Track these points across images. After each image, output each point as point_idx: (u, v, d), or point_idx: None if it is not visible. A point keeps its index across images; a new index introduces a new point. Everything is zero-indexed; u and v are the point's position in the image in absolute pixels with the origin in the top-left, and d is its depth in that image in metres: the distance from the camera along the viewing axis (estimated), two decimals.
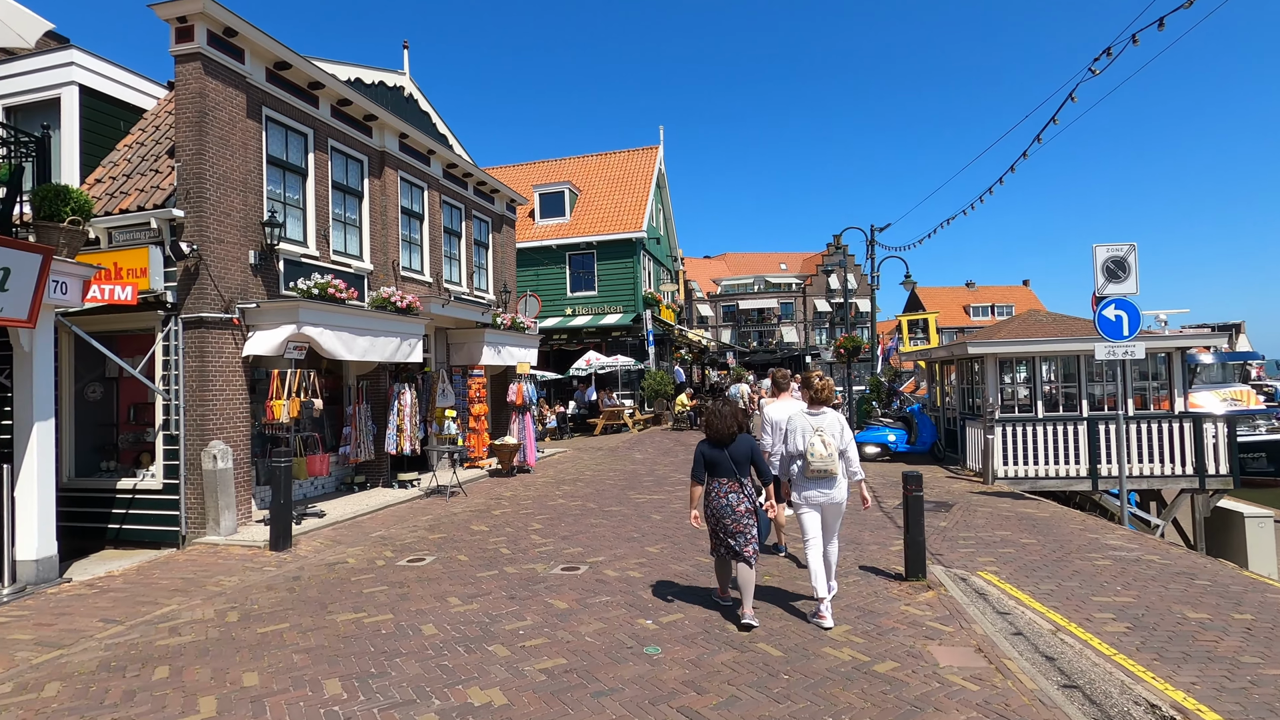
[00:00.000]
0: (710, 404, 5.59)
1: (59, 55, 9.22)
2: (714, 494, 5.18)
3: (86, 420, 9.06)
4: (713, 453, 5.19)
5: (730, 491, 5.11)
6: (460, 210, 15.13)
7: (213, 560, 7.41)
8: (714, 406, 5.33)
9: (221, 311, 8.58)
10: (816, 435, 5.19)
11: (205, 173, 8.44)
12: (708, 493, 5.24)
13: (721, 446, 5.16)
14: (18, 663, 4.73)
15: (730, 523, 5.09)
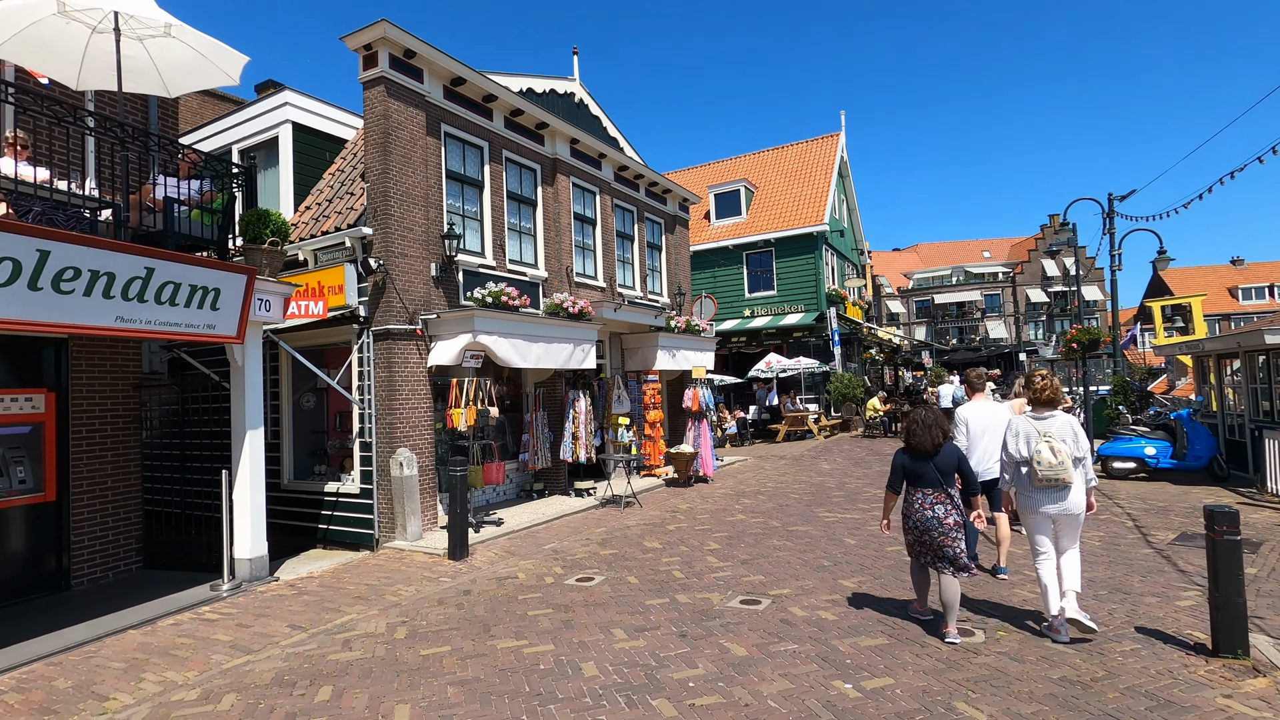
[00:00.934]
0: (910, 411, 5.21)
1: (276, 99, 10.24)
2: (917, 505, 4.95)
3: (302, 427, 9.89)
4: (915, 464, 4.98)
5: (937, 503, 4.87)
6: (632, 213, 14.87)
7: (396, 566, 7.56)
8: (916, 415, 5.04)
9: (406, 323, 8.89)
10: (1044, 441, 4.77)
11: (390, 190, 8.79)
12: (909, 503, 5.02)
13: (925, 458, 4.94)
14: (210, 667, 4.88)
15: (938, 535, 4.83)
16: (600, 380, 13.11)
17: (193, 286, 6.20)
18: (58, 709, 4.27)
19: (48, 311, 5.16)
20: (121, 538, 7.55)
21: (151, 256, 5.83)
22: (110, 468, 7.48)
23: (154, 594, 6.69)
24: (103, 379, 7.47)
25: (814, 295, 22.51)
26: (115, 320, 5.64)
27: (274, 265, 7.17)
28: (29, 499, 6.78)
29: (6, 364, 6.70)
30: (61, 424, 7.05)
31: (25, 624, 5.94)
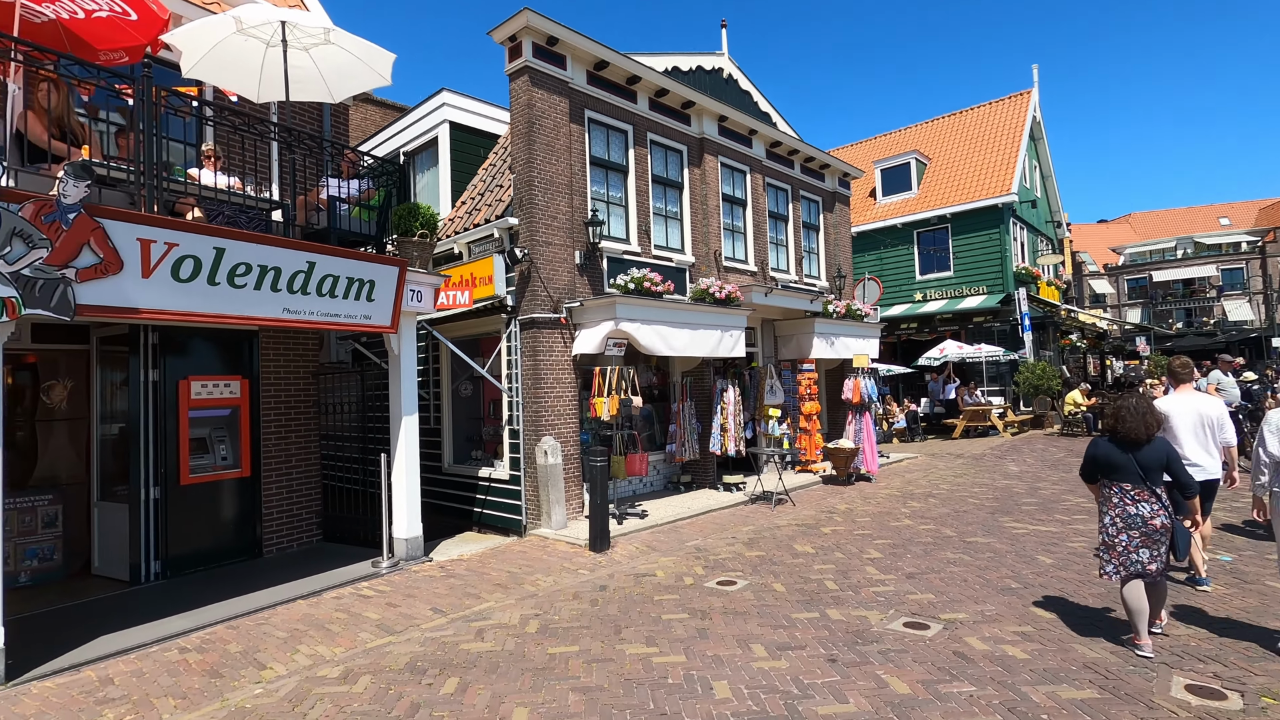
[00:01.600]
0: (1119, 397, 4.63)
1: (435, 101, 10.75)
2: (1116, 500, 4.48)
3: (461, 414, 10.33)
4: (1116, 454, 4.47)
5: (1140, 500, 4.38)
6: (786, 192, 13.98)
7: (539, 555, 7.56)
8: (1127, 401, 4.52)
9: (550, 311, 8.90)
10: None
11: (534, 180, 8.82)
12: (1106, 498, 4.55)
13: (1130, 448, 4.42)
14: (356, 645, 5.04)
15: (1139, 535, 4.38)
16: (751, 369, 12.46)
17: (350, 279, 6.52)
18: (224, 673, 4.58)
19: (225, 304, 5.62)
20: (304, 512, 8.27)
21: (312, 251, 6.18)
22: (294, 448, 8.21)
23: (326, 566, 7.21)
24: (286, 367, 8.20)
25: (998, 275, 19.98)
26: (282, 312, 6.05)
27: (424, 257, 7.41)
28: (230, 474, 7.59)
29: (213, 353, 7.53)
30: (254, 408, 7.83)
31: (226, 585, 6.61)
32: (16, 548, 6.97)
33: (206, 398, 7.41)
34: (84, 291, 4.77)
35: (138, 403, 6.94)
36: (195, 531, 7.25)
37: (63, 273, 4.63)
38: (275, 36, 6.59)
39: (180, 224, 5.29)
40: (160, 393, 7.06)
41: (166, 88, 5.92)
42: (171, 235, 5.18)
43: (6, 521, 6.93)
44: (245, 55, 6.67)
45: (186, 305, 5.37)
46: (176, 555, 7.08)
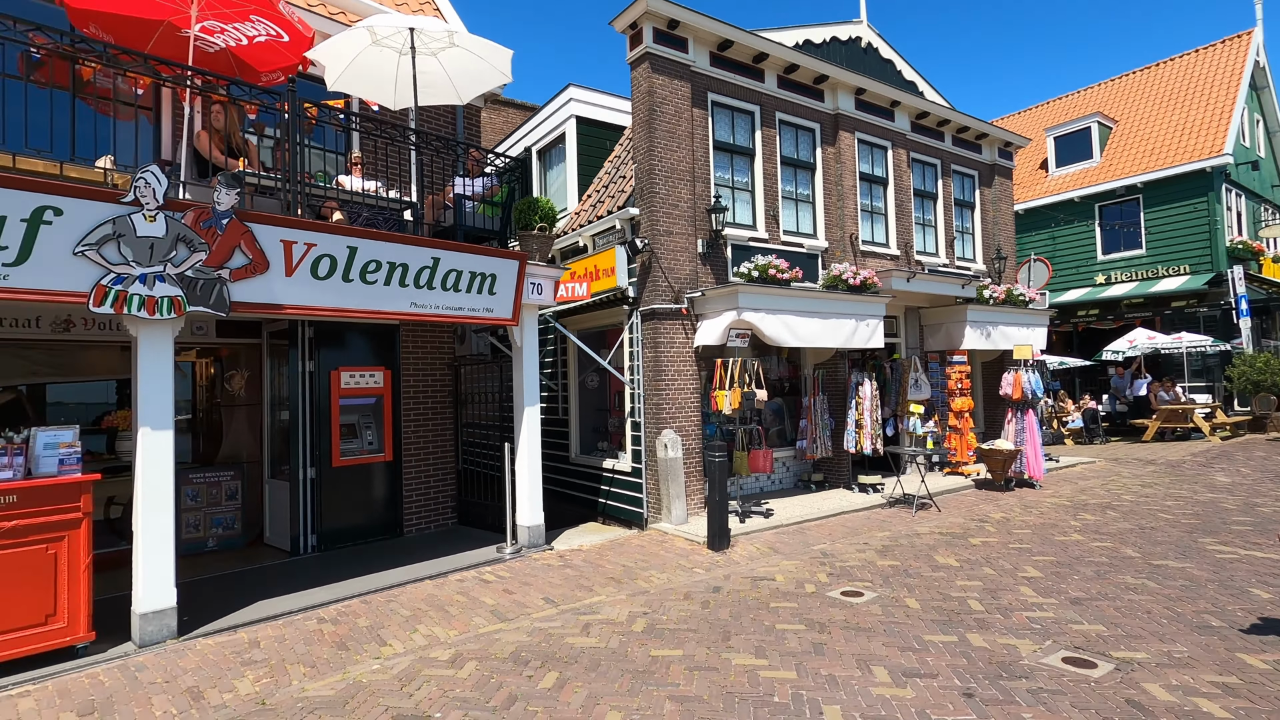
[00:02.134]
0: None
1: (562, 97, 10.92)
2: None
3: (588, 406, 10.45)
4: None
5: None
6: (934, 167, 12.74)
7: (656, 550, 7.41)
8: None
9: (671, 302, 8.71)
10: None
11: (655, 168, 8.66)
12: None
13: None
14: (469, 629, 5.17)
15: None
16: (893, 362, 11.52)
17: (473, 273, 6.73)
18: (349, 646, 4.87)
19: (358, 299, 5.99)
20: (440, 496, 8.75)
21: (436, 247, 6.44)
22: (431, 435, 8.70)
23: (456, 549, 7.55)
24: (424, 359, 8.70)
25: (1205, 251, 17.00)
26: (410, 306, 6.35)
27: (543, 250, 7.50)
28: (375, 458, 8.18)
29: (360, 346, 8.15)
30: (395, 397, 8.38)
31: (368, 560, 7.12)
32: (206, 516, 7.97)
33: (355, 387, 8.03)
34: (237, 290, 5.26)
35: (296, 391, 7.66)
36: (345, 510, 7.89)
37: (219, 273, 5.13)
38: (406, 45, 6.93)
39: (317, 225, 5.69)
40: (316, 382, 7.74)
41: (315, 102, 6.42)
42: (310, 236, 5.58)
43: (197, 494, 7.96)
44: (381, 65, 7.09)
45: (324, 301, 5.78)
46: (329, 530, 7.74)
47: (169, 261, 4.88)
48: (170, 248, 4.88)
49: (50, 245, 4.40)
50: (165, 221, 4.83)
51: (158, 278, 4.85)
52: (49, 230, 4.39)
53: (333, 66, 6.85)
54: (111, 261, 4.65)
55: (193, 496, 7.91)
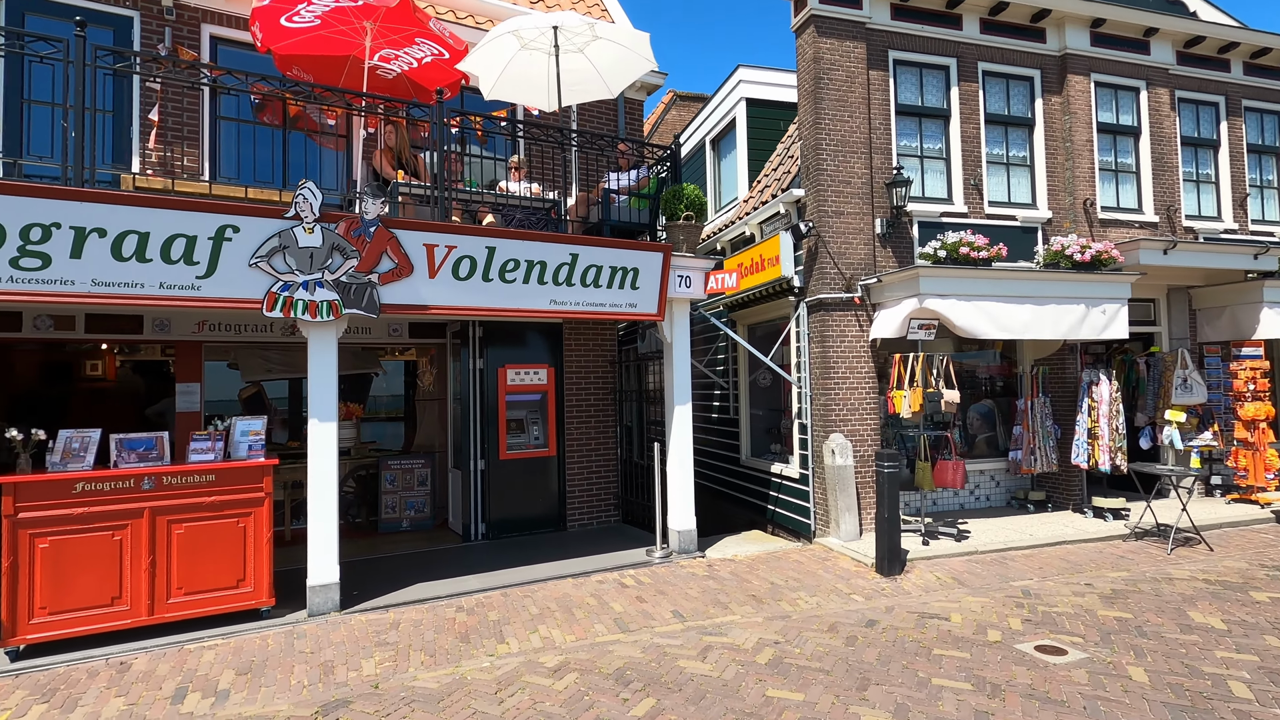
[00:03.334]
0: None
1: (731, 81, 10.39)
2: None
3: (760, 406, 9.82)
4: None
5: None
6: (1214, 107, 9.93)
7: (815, 568, 6.62)
8: None
9: (841, 291, 7.77)
10: None
11: (821, 142, 7.80)
12: None
13: None
14: (586, 637, 4.98)
15: None
16: (1150, 356, 9.20)
17: (613, 268, 6.57)
18: (471, 639, 4.94)
19: (497, 298, 6.13)
20: (603, 493, 8.77)
21: (573, 243, 6.37)
22: (593, 432, 8.76)
23: (610, 548, 7.47)
24: (587, 356, 8.78)
25: None
26: (549, 303, 6.37)
27: (691, 240, 7.10)
28: (540, 453, 8.44)
29: (525, 344, 8.46)
30: (559, 393, 8.57)
31: (528, 552, 7.31)
32: (401, 499, 8.85)
33: (520, 384, 8.35)
34: (386, 292, 5.64)
35: (468, 387, 8.16)
36: (511, 501, 8.23)
37: (369, 278, 5.54)
38: (553, 45, 6.96)
39: (456, 228, 5.91)
40: (485, 378, 8.18)
41: (471, 113, 6.74)
42: (450, 239, 5.81)
43: (395, 479, 8.86)
44: (532, 68, 7.21)
45: (466, 300, 5.99)
46: (497, 520, 8.13)
47: (326, 268, 5.37)
48: (327, 256, 5.36)
49: (231, 259, 5.05)
50: (322, 232, 5.32)
51: (318, 284, 5.36)
52: (229, 246, 5.04)
53: (486, 76, 7.13)
54: (279, 270, 5.22)
55: (391, 481, 8.83)
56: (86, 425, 5.15)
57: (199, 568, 5.18)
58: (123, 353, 9.95)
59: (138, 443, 5.18)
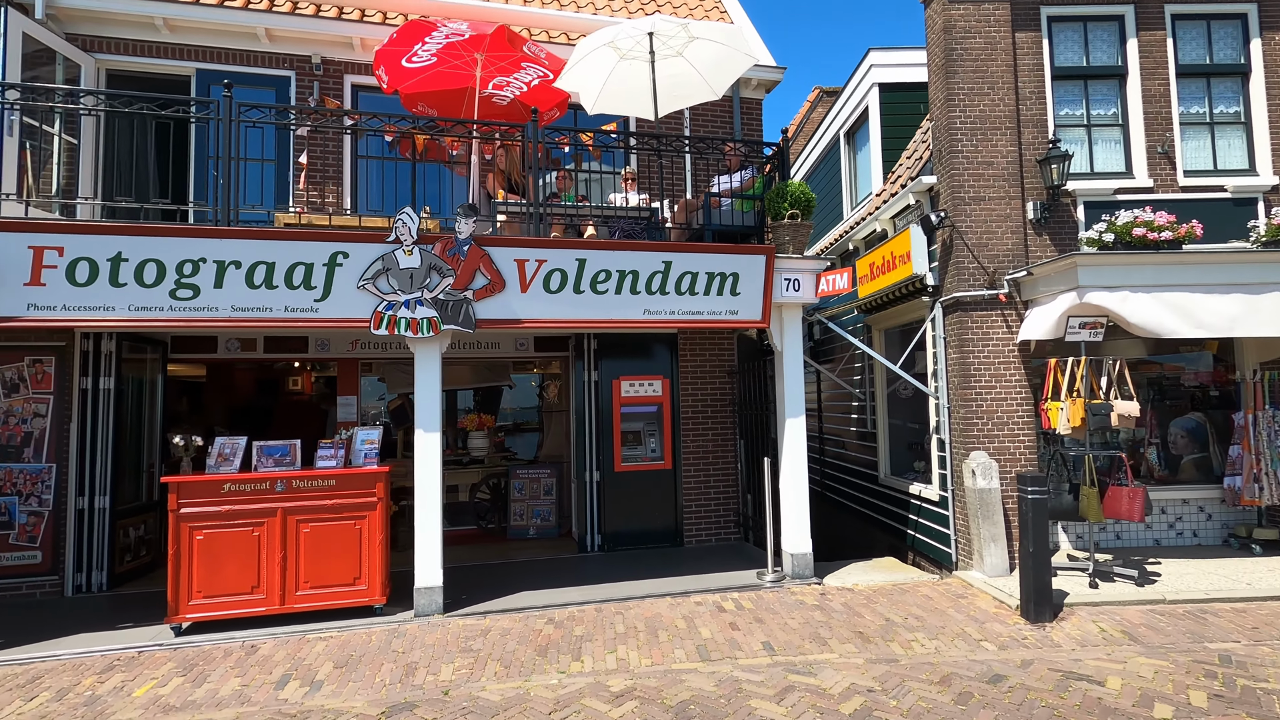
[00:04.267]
0: None
1: (862, 67, 9.61)
2: None
3: (900, 418, 8.89)
4: None
5: None
6: None
7: (945, 606, 5.77)
8: None
9: (983, 287, 6.79)
10: None
11: (955, 121, 6.91)
12: None
13: None
14: (663, 662, 4.72)
15: None
16: None
17: (709, 274, 6.28)
18: (548, 654, 4.90)
19: (589, 309, 6.10)
20: (721, 509, 8.42)
21: (665, 250, 6.19)
22: (710, 445, 8.45)
23: (721, 567, 7.12)
24: (702, 367, 8.51)
25: None
26: (643, 313, 6.23)
27: (798, 240, 6.60)
28: (655, 465, 8.31)
29: (639, 355, 8.39)
30: (674, 405, 8.38)
31: (639, 567, 7.16)
32: (528, 507, 9.16)
33: (634, 395, 8.29)
34: (481, 308, 5.85)
35: (583, 399, 8.26)
36: (626, 514, 8.16)
37: (465, 294, 5.78)
38: (654, 50, 6.85)
39: (544, 242, 5.99)
40: (600, 390, 8.23)
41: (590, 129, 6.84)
42: (540, 253, 5.90)
43: (523, 487, 9.20)
44: (634, 78, 7.15)
45: (557, 313, 6.04)
46: (611, 532, 8.11)
47: (425, 287, 5.68)
48: (426, 275, 5.68)
49: (342, 282, 5.53)
50: (420, 254, 5.65)
51: (418, 302, 5.69)
52: (341, 270, 5.51)
53: (587, 91, 7.20)
54: (384, 291, 5.61)
55: (519, 489, 9.18)
56: (288, 432, 5.93)
57: (322, 564, 5.69)
58: (315, 369, 11.40)
59: (274, 449, 5.83)
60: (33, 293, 5.03)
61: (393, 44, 6.80)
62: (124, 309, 5.20)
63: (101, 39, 7.20)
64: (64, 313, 5.11)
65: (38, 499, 6.65)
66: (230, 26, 7.35)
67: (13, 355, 6.67)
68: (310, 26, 7.53)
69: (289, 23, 7.48)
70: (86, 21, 7.10)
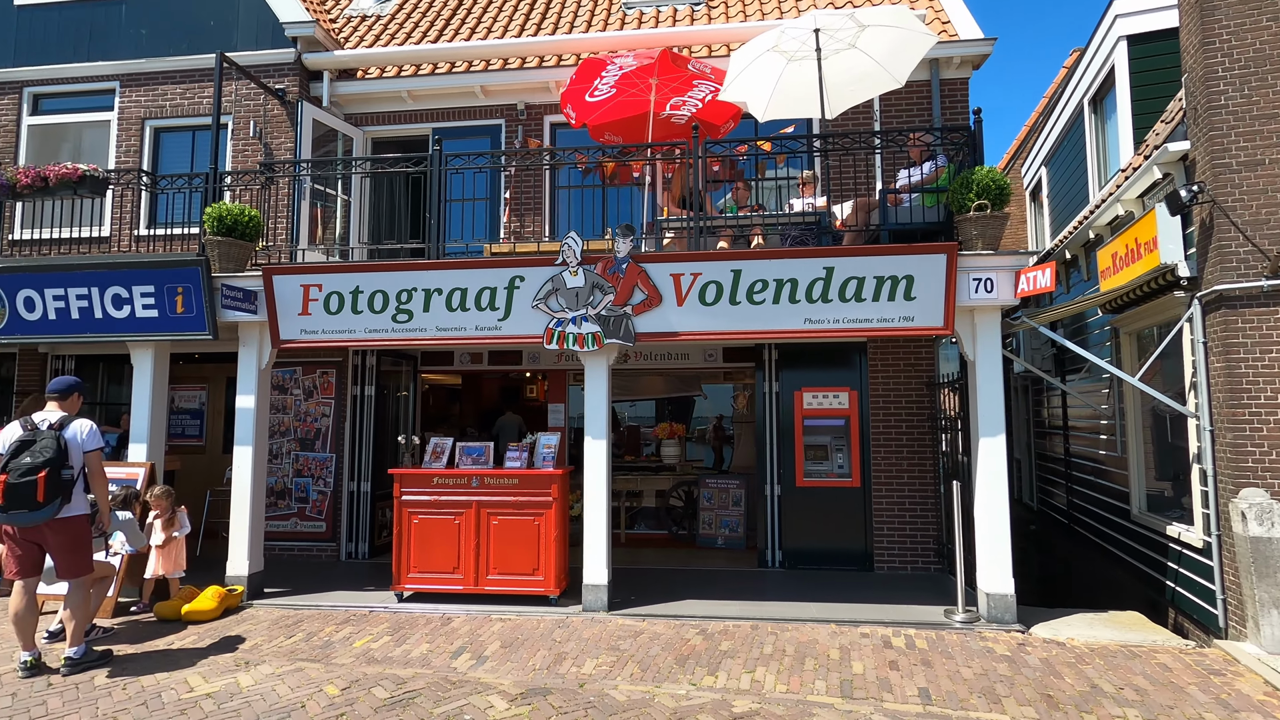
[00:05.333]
0: None
1: (1106, 20, 8.05)
2: None
3: (1159, 441, 7.23)
4: None
5: None
6: None
7: (1187, 683, 4.56)
8: None
9: (1260, 277, 5.26)
10: None
11: (1215, 67, 5.49)
12: None
13: None
14: (799, 691, 4.46)
15: None
16: None
17: (877, 279, 5.81)
18: (687, 664, 4.92)
19: (747, 321, 6.02)
20: (918, 534, 7.62)
21: (825, 256, 5.87)
22: (905, 464, 7.71)
23: (909, 599, 6.48)
24: (895, 378, 7.81)
25: None
26: (804, 322, 5.96)
27: (990, 235, 5.77)
28: (841, 483, 7.84)
29: (822, 366, 7.99)
30: (862, 419, 7.83)
31: (817, 589, 6.82)
32: (716, 517, 9.22)
33: (817, 408, 7.93)
34: (640, 322, 6.11)
35: (762, 410, 8.11)
36: (808, 531, 7.82)
37: (624, 310, 6.09)
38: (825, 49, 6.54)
39: (697, 255, 6.04)
40: (780, 402, 8.03)
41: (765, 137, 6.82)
42: (694, 266, 5.98)
43: (711, 497, 9.30)
44: (806, 79, 6.89)
45: (715, 325, 6.06)
46: (792, 549, 7.83)
47: (589, 304, 6.12)
48: (589, 293, 6.11)
49: (519, 303, 6.19)
50: (584, 274, 6.10)
51: (583, 318, 6.14)
52: (518, 292, 6.18)
53: (755, 99, 7.10)
54: (553, 309, 6.16)
55: (708, 499, 9.30)
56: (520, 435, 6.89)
57: (507, 554, 6.40)
58: (545, 379, 12.81)
59: (473, 449, 6.72)
60: (303, 320, 6.48)
61: (573, 84, 7.44)
62: (361, 331, 6.44)
63: (367, 114, 8.99)
64: (322, 335, 6.50)
65: (324, 481, 8.47)
66: (455, 89, 8.68)
67: (309, 369, 8.59)
68: (515, 78, 8.56)
69: (498, 78, 8.59)
70: (356, 102, 8.92)
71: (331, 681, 4.60)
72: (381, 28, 9.77)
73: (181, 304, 6.42)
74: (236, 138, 8.69)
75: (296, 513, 8.46)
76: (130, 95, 8.90)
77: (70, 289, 6.46)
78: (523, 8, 9.95)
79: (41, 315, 6.57)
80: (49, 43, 9.04)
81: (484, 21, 9.66)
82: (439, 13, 9.99)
